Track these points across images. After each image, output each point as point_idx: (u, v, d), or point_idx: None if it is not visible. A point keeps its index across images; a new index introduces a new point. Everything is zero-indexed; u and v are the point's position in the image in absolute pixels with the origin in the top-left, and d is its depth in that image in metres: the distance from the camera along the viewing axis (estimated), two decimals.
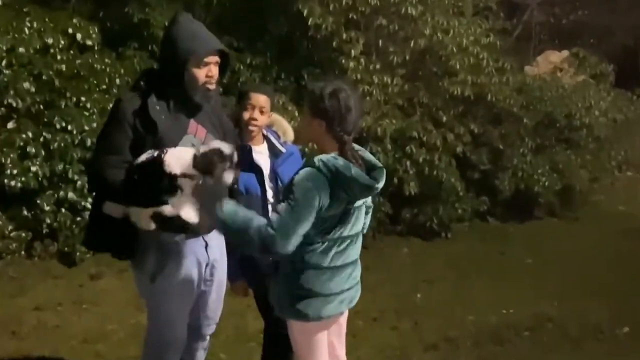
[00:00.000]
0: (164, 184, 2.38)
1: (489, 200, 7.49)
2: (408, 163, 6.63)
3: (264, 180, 3.06)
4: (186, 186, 2.42)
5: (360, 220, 2.63)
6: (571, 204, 8.22)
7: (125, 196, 2.48)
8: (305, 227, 2.36)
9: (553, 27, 13.18)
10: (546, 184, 7.68)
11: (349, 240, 2.57)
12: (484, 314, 5.07)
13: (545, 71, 9.76)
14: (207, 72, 2.60)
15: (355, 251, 2.65)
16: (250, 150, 3.05)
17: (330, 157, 2.39)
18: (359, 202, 2.53)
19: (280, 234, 2.32)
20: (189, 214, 2.46)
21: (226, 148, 2.44)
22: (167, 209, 2.44)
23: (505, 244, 7.01)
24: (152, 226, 2.51)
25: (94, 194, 2.85)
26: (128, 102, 2.55)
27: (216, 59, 2.64)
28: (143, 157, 2.44)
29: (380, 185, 2.48)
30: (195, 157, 2.40)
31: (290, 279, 2.53)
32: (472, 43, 7.06)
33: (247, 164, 2.99)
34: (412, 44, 6.77)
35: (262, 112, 3.09)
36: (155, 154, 2.42)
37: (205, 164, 2.39)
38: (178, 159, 2.39)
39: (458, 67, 6.84)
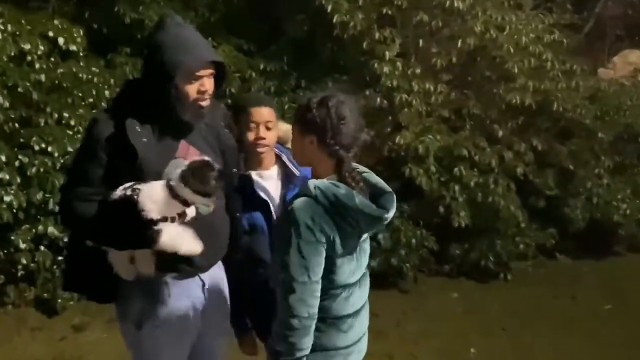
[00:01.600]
0: (143, 231, 2.41)
1: (557, 232, 7.41)
2: (457, 188, 6.62)
3: (271, 215, 3.03)
4: (168, 229, 2.44)
5: (366, 255, 2.64)
6: None
7: (97, 235, 2.53)
8: (317, 270, 2.37)
9: (632, 21, 13.08)
10: (627, 212, 7.57)
11: (356, 283, 2.58)
12: None
13: (623, 74, 9.69)
14: (199, 87, 2.60)
15: (363, 294, 2.66)
16: (249, 180, 3.03)
17: (329, 184, 2.39)
18: (364, 235, 2.55)
19: (296, 300, 2.35)
20: (188, 245, 2.48)
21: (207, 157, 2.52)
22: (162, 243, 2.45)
23: (578, 287, 6.92)
24: (131, 273, 2.56)
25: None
26: (103, 123, 2.56)
27: (210, 70, 2.63)
28: (117, 193, 2.46)
29: (391, 214, 2.47)
30: (183, 176, 2.43)
31: None
32: (532, 41, 7.04)
33: (248, 197, 3.00)
34: (459, 44, 6.76)
35: (268, 128, 3.07)
36: (129, 191, 2.44)
37: (196, 182, 2.43)
38: (152, 198, 2.41)
39: (516, 70, 6.82)
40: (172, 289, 2.70)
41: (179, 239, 2.46)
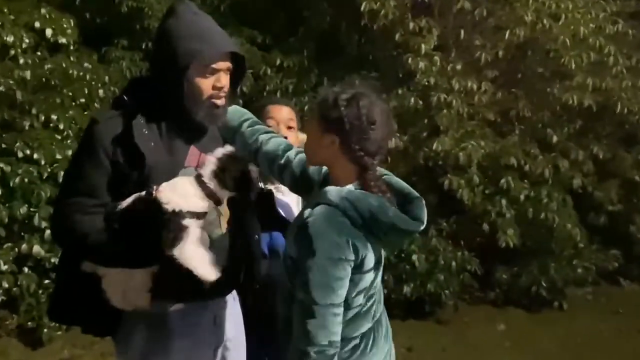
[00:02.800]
0: (165, 228, 2.38)
1: (620, 254, 7.36)
2: (504, 202, 6.60)
3: None
4: (193, 230, 2.43)
5: (382, 261, 2.62)
6: None
7: (100, 253, 2.50)
8: (341, 293, 2.35)
9: None
10: None
11: (374, 296, 2.58)
12: None
13: None
14: (215, 83, 2.60)
15: (380, 307, 2.65)
16: (271, 197, 3.03)
17: (360, 194, 2.37)
18: None
19: (316, 326, 2.34)
20: (205, 269, 2.46)
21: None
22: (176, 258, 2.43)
23: None
24: (131, 304, 2.55)
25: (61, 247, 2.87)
26: (106, 124, 2.55)
27: (227, 64, 2.63)
28: (127, 201, 2.45)
29: (423, 226, 2.45)
30: (215, 173, 2.44)
31: None
32: (592, 32, 6.99)
33: (267, 216, 2.98)
34: (506, 35, 6.74)
35: (289, 129, 3.08)
36: (143, 194, 2.44)
37: (234, 176, 2.44)
38: (177, 192, 2.41)
39: (573, 66, 6.77)
40: (180, 323, 2.68)
41: (197, 257, 2.43)
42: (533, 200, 6.66)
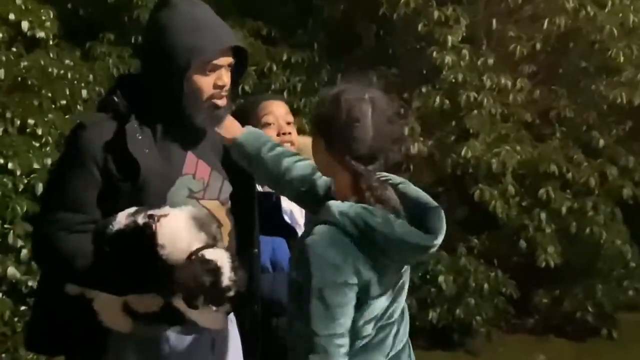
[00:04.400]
0: (159, 274, 2.39)
1: None
2: (543, 216, 6.60)
3: None
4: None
5: (405, 289, 2.59)
6: None
7: (88, 276, 2.51)
8: (344, 322, 2.35)
9: None
10: None
11: (388, 328, 2.54)
12: None
13: None
14: (216, 81, 2.61)
15: (399, 341, 2.60)
16: (277, 202, 3.06)
17: (360, 209, 2.36)
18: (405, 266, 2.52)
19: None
20: (210, 319, 2.50)
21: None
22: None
23: None
24: (127, 325, 2.57)
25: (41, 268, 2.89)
26: (94, 129, 2.56)
27: (229, 60, 2.64)
28: (121, 221, 2.46)
29: (441, 239, 2.42)
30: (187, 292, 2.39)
31: None
32: None
33: (269, 225, 3.00)
34: (545, 25, 6.77)
35: (289, 124, 3.16)
36: (140, 218, 2.43)
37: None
38: (177, 243, 2.40)
39: (622, 59, 6.77)
40: (175, 347, 2.69)
41: (202, 314, 2.47)
42: (577, 213, 6.67)
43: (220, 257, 2.38)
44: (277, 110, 3.14)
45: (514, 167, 6.52)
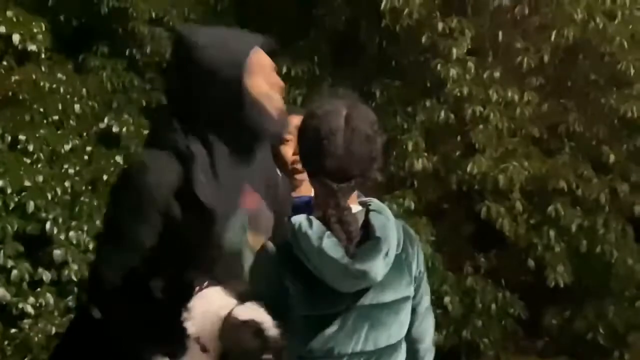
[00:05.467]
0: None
1: None
2: (552, 233, 6.56)
3: None
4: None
5: (387, 327, 2.46)
6: None
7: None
8: None
9: None
10: None
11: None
12: None
13: None
14: (269, 78, 2.58)
15: None
16: (309, 205, 3.00)
17: (303, 218, 2.32)
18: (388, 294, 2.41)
19: None
20: None
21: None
22: None
23: None
24: None
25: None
26: (157, 174, 2.49)
27: (270, 60, 2.61)
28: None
29: (375, 275, 2.32)
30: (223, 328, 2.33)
31: None
32: None
33: None
34: (553, 37, 6.74)
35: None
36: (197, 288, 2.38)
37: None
38: (206, 321, 2.32)
39: (632, 71, 6.74)
40: None
41: None
42: (587, 230, 6.65)
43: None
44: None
45: (521, 183, 6.52)
